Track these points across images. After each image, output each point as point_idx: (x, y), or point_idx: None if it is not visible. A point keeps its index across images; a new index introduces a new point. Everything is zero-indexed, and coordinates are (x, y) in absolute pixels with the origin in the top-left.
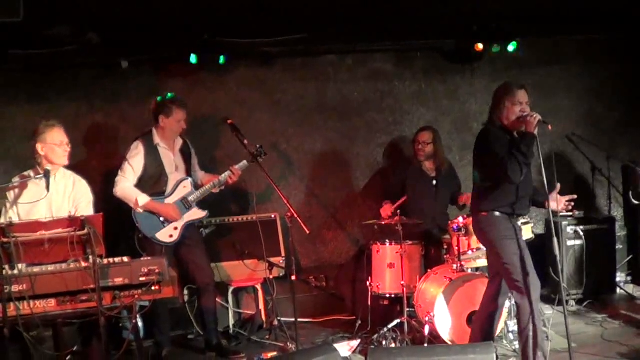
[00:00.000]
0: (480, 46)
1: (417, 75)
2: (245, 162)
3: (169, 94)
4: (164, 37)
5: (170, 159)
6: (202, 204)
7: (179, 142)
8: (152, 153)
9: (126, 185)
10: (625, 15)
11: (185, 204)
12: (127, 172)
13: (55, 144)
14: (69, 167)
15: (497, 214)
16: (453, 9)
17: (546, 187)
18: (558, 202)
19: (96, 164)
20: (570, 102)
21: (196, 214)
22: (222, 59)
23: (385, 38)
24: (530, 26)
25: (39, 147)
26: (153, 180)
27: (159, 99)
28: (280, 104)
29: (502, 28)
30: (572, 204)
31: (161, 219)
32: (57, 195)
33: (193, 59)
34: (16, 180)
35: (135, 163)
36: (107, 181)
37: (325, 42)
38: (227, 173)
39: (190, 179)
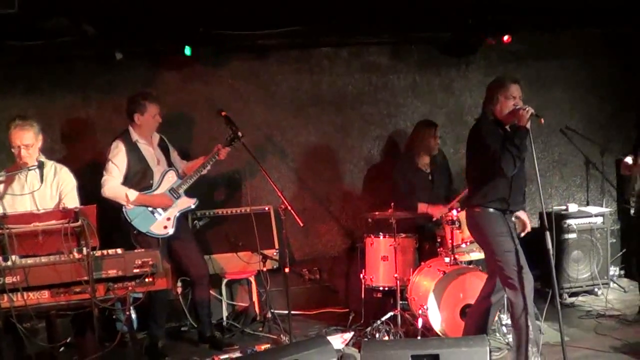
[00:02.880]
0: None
1: (412, 68)
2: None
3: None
4: (159, 30)
5: (151, 153)
6: (191, 193)
7: (156, 137)
8: (133, 150)
9: (113, 184)
10: (622, 9)
11: (173, 194)
12: (112, 171)
13: (12, 145)
14: (60, 159)
15: (491, 210)
16: (449, 1)
17: (539, 180)
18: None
19: (89, 155)
20: (565, 96)
21: (186, 202)
22: (188, 50)
23: (380, 31)
24: (527, 19)
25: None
26: (138, 176)
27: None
28: (275, 97)
29: (498, 21)
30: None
31: (153, 212)
32: (39, 185)
33: (187, 50)
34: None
35: (118, 161)
36: (100, 172)
37: (321, 34)
38: (215, 153)
39: (173, 170)
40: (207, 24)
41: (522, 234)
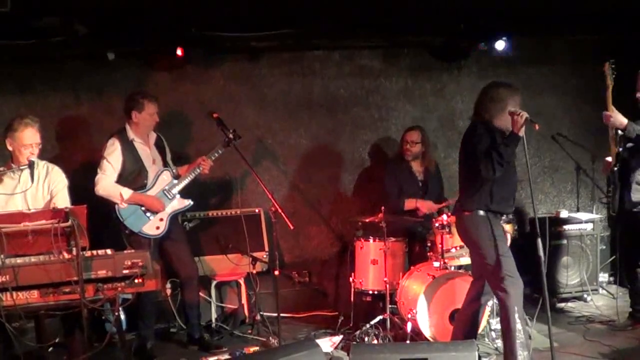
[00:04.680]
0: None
1: (404, 72)
2: (217, 149)
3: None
4: (151, 30)
5: (147, 153)
6: (185, 194)
7: (153, 136)
8: (128, 148)
9: (108, 182)
10: (614, 16)
11: (167, 195)
12: (106, 170)
13: (24, 145)
14: (51, 159)
15: (482, 213)
16: (441, 6)
17: (531, 185)
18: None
19: (80, 156)
20: (557, 102)
21: (180, 203)
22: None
23: (372, 34)
24: (518, 25)
25: (7, 142)
26: (133, 175)
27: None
28: (267, 99)
29: (489, 26)
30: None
31: (146, 212)
32: (29, 184)
33: (178, 51)
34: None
35: (113, 160)
36: (91, 173)
37: (313, 37)
38: (198, 168)
39: (169, 170)
40: (200, 25)
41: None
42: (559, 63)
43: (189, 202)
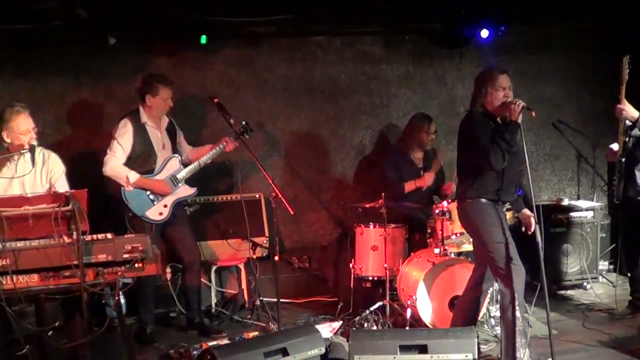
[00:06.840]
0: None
1: (405, 58)
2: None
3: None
4: (152, 15)
5: (158, 137)
6: (190, 181)
7: (165, 120)
8: (140, 131)
9: (116, 164)
10: (615, 4)
11: (173, 181)
12: (116, 151)
13: (21, 132)
14: (48, 145)
15: (483, 200)
16: None
17: (529, 174)
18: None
19: (81, 140)
20: (558, 90)
21: (185, 191)
22: (204, 39)
23: (374, 20)
24: (520, 12)
25: (4, 134)
26: (142, 159)
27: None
28: (267, 84)
29: (491, 13)
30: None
31: (151, 196)
32: (30, 169)
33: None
34: None
35: (124, 141)
36: (91, 157)
37: (314, 23)
38: (222, 145)
39: (177, 157)
40: (200, 10)
41: (529, 232)
42: (560, 51)
43: (194, 190)
